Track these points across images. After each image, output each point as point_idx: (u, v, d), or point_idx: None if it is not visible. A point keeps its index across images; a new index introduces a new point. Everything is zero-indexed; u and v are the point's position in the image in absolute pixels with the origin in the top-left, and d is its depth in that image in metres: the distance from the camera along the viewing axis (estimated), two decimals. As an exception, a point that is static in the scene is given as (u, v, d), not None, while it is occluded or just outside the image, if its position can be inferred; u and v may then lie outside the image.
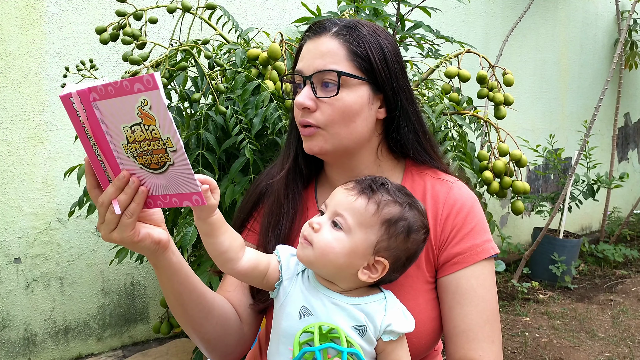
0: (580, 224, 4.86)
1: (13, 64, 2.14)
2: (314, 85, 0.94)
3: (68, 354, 2.39)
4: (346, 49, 0.94)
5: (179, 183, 0.75)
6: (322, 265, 0.84)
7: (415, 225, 0.85)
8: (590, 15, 4.62)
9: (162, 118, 0.70)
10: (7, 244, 2.21)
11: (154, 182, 0.78)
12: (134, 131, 0.73)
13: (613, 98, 4.64)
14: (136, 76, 0.68)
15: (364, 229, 0.82)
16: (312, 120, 0.94)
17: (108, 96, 0.71)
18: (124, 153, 0.76)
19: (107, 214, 0.78)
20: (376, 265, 0.84)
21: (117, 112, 0.72)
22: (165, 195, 0.78)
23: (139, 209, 0.78)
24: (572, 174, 3.62)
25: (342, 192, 0.86)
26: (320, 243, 0.82)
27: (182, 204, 0.77)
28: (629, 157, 5.36)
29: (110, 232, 0.79)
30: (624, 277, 4.01)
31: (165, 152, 0.73)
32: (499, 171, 1.72)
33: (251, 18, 2.69)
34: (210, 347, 0.99)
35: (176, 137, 0.71)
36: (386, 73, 0.96)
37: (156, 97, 0.68)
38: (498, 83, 1.82)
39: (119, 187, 0.77)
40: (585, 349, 2.83)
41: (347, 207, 0.83)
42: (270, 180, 1.08)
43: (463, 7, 3.57)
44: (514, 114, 3.61)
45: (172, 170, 0.74)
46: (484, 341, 0.94)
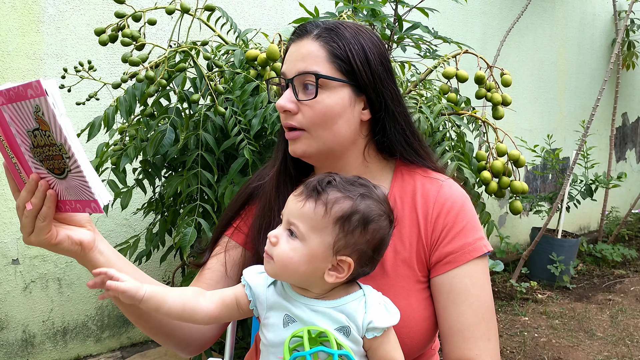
0: (579, 223, 4.87)
1: (11, 65, 2.13)
2: (296, 87, 0.94)
3: (66, 355, 2.39)
4: (326, 50, 0.93)
5: (79, 189, 0.75)
6: (287, 276, 0.83)
7: (371, 214, 0.82)
8: (587, 15, 4.63)
9: (54, 124, 0.69)
10: (5, 245, 2.21)
11: (61, 187, 0.77)
12: (36, 136, 0.73)
13: (611, 98, 4.65)
14: (28, 82, 0.67)
15: (318, 232, 0.81)
16: (295, 122, 0.95)
17: (11, 100, 0.71)
18: (33, 157, 0.76)
19: (23, 218, 0.79)
20: (341, 265, 0.82)
21: (20, 116, 0.72)
22: (70, 200, 0.78)
23: (50, 212, 0.79)
24: (570, 174, 3.63)
25: (292, 200, 0.84)
26: (279, 256, 0.81)
27: (85, 211, 0.77)
28: (626, 157, 5.37)
29: (29, 236, 0.81)
30: (623, 277, 4.02)
31: (62, 158, 0.72)
32: (497, 171, 1.72)
33: (249, 19, 2.69)
34: (160, 340, 0.99)
35: (68, 144, 0.70)
36: (368, 74, 0.95)
37: (45, 104, 0.67)
38: (496, 83, 1.82)
39: (30, 190, 0.78)
40: (584, 348, 2.84)
41: (298, 215, 0.82)
42: (259, 182, 1.08)
43: (461, 8, 3.57)
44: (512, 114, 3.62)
45: (70, 176, 0.74)
46: (480, 340, 0.94)
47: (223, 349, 1.48)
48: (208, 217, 1.58)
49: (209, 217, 1.58)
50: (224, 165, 1.70)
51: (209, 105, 1.64)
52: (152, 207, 1.87)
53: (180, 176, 1.60)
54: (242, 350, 1.88)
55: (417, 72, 2.20)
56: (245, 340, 1.97)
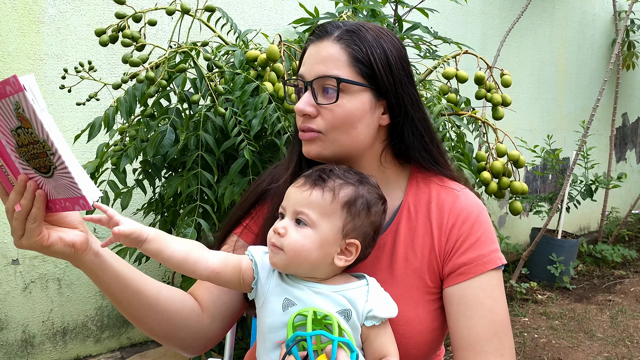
0: (579, 224, 4.87)
1: (11, 66, 2.13)
2: (315, 90, 0.92)
3: (66, 355, 2.39)
4: (347, 54, 0.91)
5: (67, 186, 0.73)
6: (298, 265, 0.84)
7: (372, 198, 0.87)
8: (587, 15, 4.63)
9: (35, 120, 0.67)
10: (5, 245, 2.21)
11: (49, 186, 0.75)
12: (19, 135, 0.71)
13: (611, 98, 4.65)
14: (6, 78, 0.66)
15: (327, 218, 0.84)
16: (314, 125, 0.93)
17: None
18: (20, 157, 0.74)
19: (13, 221, 0.78)
20: (349, 248, 0.85)
21: (3, 115, 0.70)
22: (60, 199, 0.76)
23: (40, 213, 0.77)
24: (570, 174, 3.63)
25: (295, 191, 0.86)
26: (291, 245, 0.83)
27: (74, 209, 0.75)
28: (626, 157, 5.37)
29: (19, 239, 0.79)
30: (623, 278, 4.02)
31: (47, 155, 0.70)
32: (497, 172, 1.72)
33: (249, 19, 2.69)
34: (161, 341, 0.98)
35: (50, 139, 0.68)
36: (389, 79, 0.93)
37: (24, 100, 0.66)
38: (496, 84, 1.82)
39: (19, 192, 0.77)
40: (583, 349, 2.84)
41: (305, 203, 0.84)
42: (271, 185, 1.06)
43: (460, 8, 3.58)
44: (512, 114, 3.62)
45: (57, 173, 0.72)
46: (492, 354, 0.90)
47: (223, 349, 1.48)
48: (208, 218, 1.58)
49: (208, 217, 1.58)
50: (224, 166, 1.70)
51: (209, 106, 1.64)
52: (152, 207, 1.87)
53: (180, 177, 1.60)
54: (242, 351, 1.89)
55: (417, 72, 2.20)
56: (245, 340, 1.97)
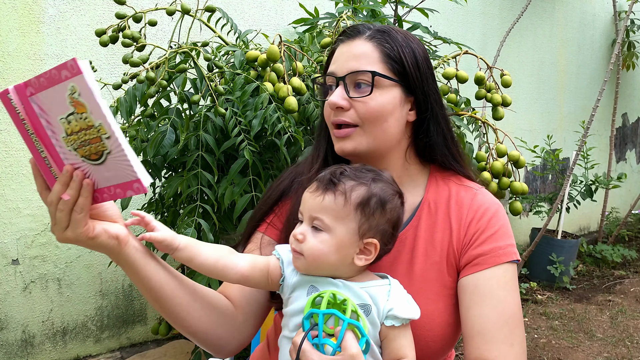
0: (579, 224, 4.87)
1: (11, 66, 2.14)
2: (347, 85, 0.96)
3: (66, 355, 2.39)
4: (380, 51, 0.96)
5: (120, 171, 0.73)
6: (319, 268, 0.87)
7: (386, 195, 0.88)
8: (587, 15, 4.63)
9: (92, 103, 0.67)
10: (5, 245, 2.21)
11: (97, 175, 0.75)
12: (70, 122, 0.71)
13: (611, 98, 4.65)
14: (62, 63, 0.66)
15: (342, 221, 0.85)
16: (347, 118, 0.96)
17: (42, 88, 0.69)
18: (65, 147, 0.73)
19: (57, 213, 0.76)
20: (368, 247, 0.87)
21: (52, 104, 0.70)
22: (109, 187, 0.75)
23: (88, 203, 0.76)
24: (570, 175, 3.63)
25: (309, 196, 0.88)
26: (310, 251, 0.85)
27: (126, 194, 0.75)
28: (626, 158, 5.37)
29: (64, 231, 0.77)
30: (622, 278, 4.02)
31: (101, 140, 0.70)
32: (497, 172, 1.72)
33: (249, 20, 2.69)
34: (199, 339, 0.97)
35: (107, 122, 0.68)
36: (417, 76, 0.98)
37: (82, 83, 0.66)
38: (496, 84, 1.82)
39: (64, 183, 0.75)
40: (583, 349, 2.84)
41: (319, 209, 0.86)
42: (294, 182, 1.08)
43: (460, 8, 3.58)
44: (512, 114, 3.62)
45: (110, 158, 0.72)
46: (502, 343, 0.92)
47: (223, 350, 1.48)
48: (208, 218, 1.58)
49: (208, 217, 1.58)
50: (224, 166, 1.71)
51: (209, 106, 1.64)
52: (152, 207, 1.87)
53: (181, 177, 1.60)
54: (242, 351, 1.88)
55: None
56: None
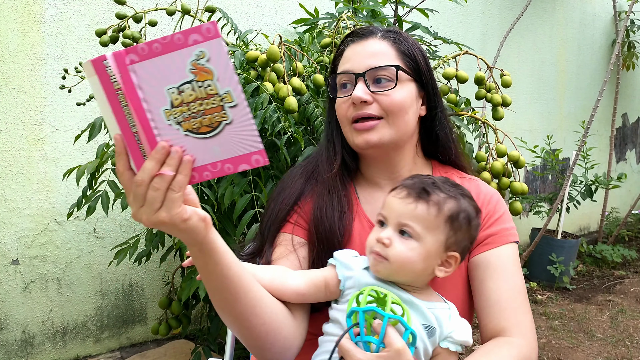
0: (579, 224, 4.87)
1: (11, 66, 2.14)
2: (367, 81, 1.00)
3: (66, 355, 2.39)
4: (396, 49, 1.02)
5: (236, 144, 0.69)
6: (402, 275, 0.88)
7: (472, 212, 0.90)
8: (587, 16, 4.63)
9: (223, 69, 0.65)
10: (5, 245, 2.21)
11: (201, 150, 0.70)
12: (182, 92, 0.67)
13: (611, 99, 4.65)
14: (192, 27, 0.64)
15: (432, 231, 0.87)
16: (372, 111, 1.00)
17: (152, 55, 0.65)
18: (164, 121, 0.68)
19: (149, 192, 0.69)
20: (449, 260, 0.89)
21: (162, 72, 0.66)
22: (215, 162, 0.70)
23: (186, 181, 0.70)
24: (570, 175, 3.63)
25: (398, 202, 0.89)
26: (397, 256, 0.86)
27: (238, 169, 0.70)
28: (626, 158, 5.37)
29: (156, 212, 0.70)
30: (622, 278, 4.02)
31: (222, 109, 0.67)
32: (497, 172, 1.72)
33: (249, 20, 2.69)
34: (267, 341, 0.90)
35: (238, 88, 0.66)
36: (428, 74, 1.05)
37: (217, 47, 0.64)
38: (496, 84, 1.82)
39: (159, 160, 0.68)
40: (583, 349, 2.84)
41: (411, 216, 0.86)
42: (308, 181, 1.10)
43: (460, 8, 3.58)
44: (512, 114, 3.62)
45: (228, 130, 0.68)
46: (517, 311, 0.97)
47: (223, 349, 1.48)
48: (208, 218, 1.57)
49: (209, 217, 1.57)
50: (224, 166, 1.70)
51: (209, 106, 1.64)
52: (152, 207, 1.86)
53: (180, 177, 1.60)
54: (242, 351, 1.88)
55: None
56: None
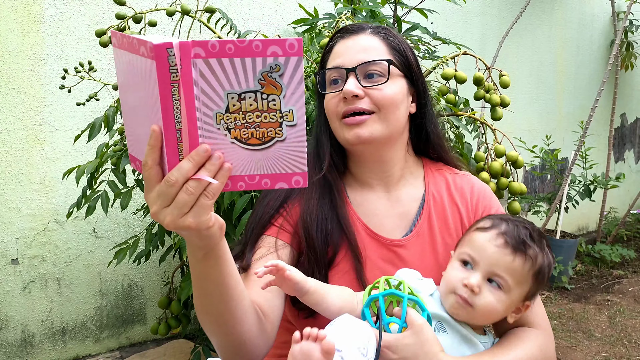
0: (577, 224, 4.88)
1: (11, 66, 2.14)
2: (358, 76, 0.98)
3: (65, 355, 2.39)
4: (386, 44, 1.01)
5: (282, 162, 0.68)
6: (483, 321, 0.89)
7: (552, 266, 0.90)
8: (586, 16, 4.64)
9: (294, 88, 0.64)
10: (5, 245, 2.21)
11: (242, 160, 0.67)
12: (243, 99, 0.64)
13: (609, 99, 4.66)
14: (274, 39, 0.63)
15: (520, 285, 0.87)
16: (363, 105, 0.98)
17: (222, 55, 0.62)
18: (213, 123, 0.65)
19: (181, 194, 0.65)
20: (522, 308, 0.91)
21: (227, 74, 0.63)
22: (253, 175, 0.68)
23: (220, 189, 0.67)
24: (568, 175, 3.63)
25: (495, 250, 0.86)
26: (484, 307, 0.85)
27: (275, 186, 0.69)
28: (625, 158, 5.38)
29: (183, 216, 0.66)
30: (621, 278, 4.03)
31: (280, 125, 0.66)
32: (495, 172, 1.73)
33: (249, 20, 2.70)
34: (240, 352, 0.90)
35: (302, 110, 0.65)
36: (417, 70, 1.04)
37: (295, 65, 0.63)
38: (494, 85, 1.82)
39: (198, 163, 0.64)
40: (582, 349, 2.84)
41: (506, 268, 0.85)
42: None
43: (459, 9, 3.58)
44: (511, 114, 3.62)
45: (278, 146, 0.67)
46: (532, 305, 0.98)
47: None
48: (207, 218, 1.58)
49: (208, 217, 1.58)
50: (224, 166, 1.71)
51: (209, 106, 1.64)
52: (151, 207, 1.87)
53: (180, 177, 1.60)
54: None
55: (416, 73, 2.21)
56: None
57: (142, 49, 0.62)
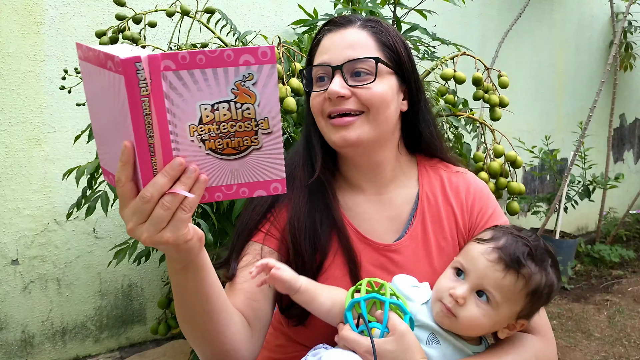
0: (577, 224, 4.88)
1: (11, 67, 2.14)
2: (344, 74, 0.92)
3: (65, 355, 2.39)
4: (375, 39, 0.95)
5: (258, 170, 0.67)
6: (468, 333, 0.86)
7: (555, 286, 0.85)
8: (585, 17, 4.65)
9: (268, 96, 0.63)
10: (5, 245, 2.21)
11: (218, 171, 0.67)
12: (216, 110, 0.63)
13: (608, 99, 4.66)
14: (246, 47, 0.61)
15: (510, 302, 0.83)
16: (350, 105, 0.92)
17: (193, 66, 0.61)
18: (186, 136, 0.64)
19: (157, 209, 0.63)
20: (516, 325, 0.87)
21: (199, 86, 0.62)
22: (231, 185, 0.67)
23: (197, 202, 0.66)
24: (567, 175, 3.64)
25: (486, 264, 0.83)
26: (468, 319, 0.82)
27: (253, 194, 0.68)
28: (624, 158, 5.38)
29: (160, 232, 0.65)
30: (620, 278, 4.03)
31: (255, 134, 0.65)
32: (494, 172, 1.73)
33: (248, 21, 2.70)
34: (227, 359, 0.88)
35: (277, 117, 0.64)
36: (409, 66, 0.98)
37: (268, 73, 0.62)
38: (493, 85, 1.83)
39: (172, 177, 0.63)
40: (581, 349, 2.85)
41: (495, 285, 0.82)
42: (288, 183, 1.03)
43: (459, 10, 3.59)
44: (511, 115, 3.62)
45: (255, 155, 0.66)
46: None
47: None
48: (207, 218, 1.59)
49: (208, 218, 1.59)
50: (223, 166, 1.71)
51: (209, 107, 1.64)
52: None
53: (180, 177, 1.60)
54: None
55: (415, 73, 2.21)
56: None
57: (109, 63, 0.60)
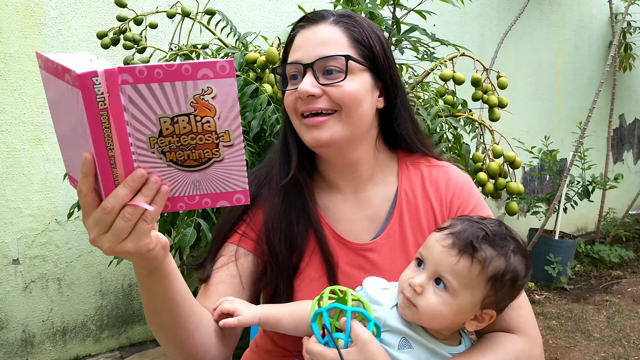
0: (576, 224, 4.89)
1: (13, 67, 2.15)
2: (316, 73, 0.90)
3: (66, 355, 2.40)
4: (348, 36, 0.92)
5: (221, 181, 0.67)
6: (430, 325, 0.83)
7: (521, 272, 0.82)
8: (584, 17, 4.66)
9: (228, 110, 0.63)
10: (6, 245, 2.22)
11: (180, 181, 0.67)
12: (176, 122, 0.63)
13: (608, 100, 4.67)
14: (204, 61, 0.62)
15: (470, 289, 0.80)
16: (322, 105, 0.90)
17: (151, 80, 0.61)
18: (147, 148, 0.64)
19: (118, 221, 0.64)
20: (483, 316, 0.83)
21: (157, 99, 0.62)
22: (193, 195, 0.68)
23: (159, 213, 0.66)
24: (567, 175, 3.65)
25: (441, 251, 0.81)
26: (428, 308, 0.80)
27: (216, 205, 0.69)
28: (624, 158, 5.39)
29: (121, 243, 0.65)
30: (620, 278, 4.04)
31: (216, 147, 0.65)
32: (493, 172, 1.74)
33: (249, 22, 2.71)
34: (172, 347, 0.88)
35: (238, 130, 0.64)
36: (385, 62, 0.95)
37: (227, 87, 0.62)
38: (492, 86, 1.84)
39: (134, 189, 0.63)
40: (580, 349, 2.85)
41: (450, 270, 0.79)
42: (261, 190, 1.01)
43: (458, 10, 3.59)
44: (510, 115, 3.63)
45: (216, 167, 0.66)
46: (520, 310, 0.93)
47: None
48: (207, 218, 1.59)
49: (208, 217, 1.59)
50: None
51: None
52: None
53: (181, 177, 1.61)
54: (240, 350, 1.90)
55: (414, 74, 2.22)
56: (243, 340, 1.98)
57: (67, 76, 0.60)
